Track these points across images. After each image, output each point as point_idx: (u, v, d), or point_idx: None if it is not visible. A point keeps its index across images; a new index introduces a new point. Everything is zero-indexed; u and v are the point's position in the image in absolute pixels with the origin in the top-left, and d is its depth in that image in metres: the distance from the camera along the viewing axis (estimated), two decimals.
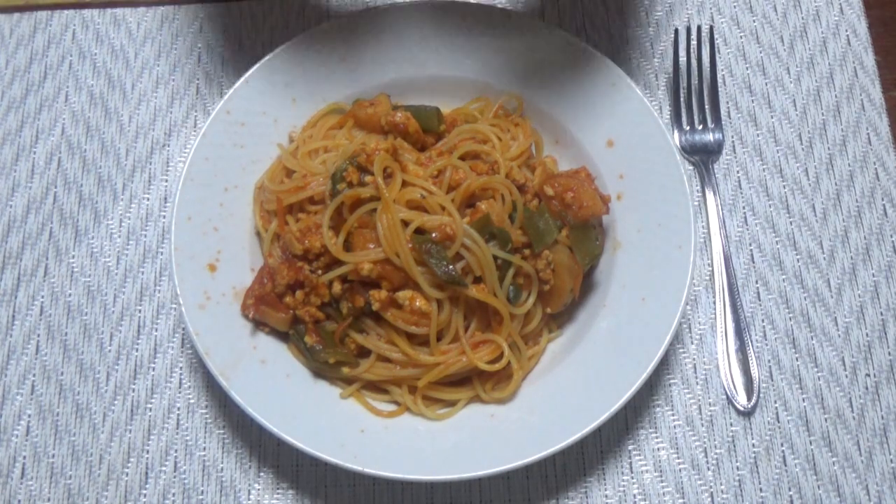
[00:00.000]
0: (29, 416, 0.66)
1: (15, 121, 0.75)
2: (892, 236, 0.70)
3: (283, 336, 0.65)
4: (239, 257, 0.66)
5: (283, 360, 0.64)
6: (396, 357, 0.62)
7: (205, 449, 0.65)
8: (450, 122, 0.69)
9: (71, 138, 0.74)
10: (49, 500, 0.64)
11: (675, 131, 0.73)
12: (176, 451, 0.65)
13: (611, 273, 0.66)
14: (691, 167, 0.72)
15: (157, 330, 0.68)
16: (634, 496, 0.64)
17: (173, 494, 0.64)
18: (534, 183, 0.66)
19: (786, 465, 0.64)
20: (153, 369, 0.67)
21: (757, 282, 0.69)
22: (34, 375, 0.67)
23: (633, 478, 0.64)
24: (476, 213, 0.63)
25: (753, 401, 0.65)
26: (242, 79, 0.69)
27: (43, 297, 0.69)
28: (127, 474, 0.65)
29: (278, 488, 0.64)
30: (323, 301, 0.63)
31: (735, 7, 0.77)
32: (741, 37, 0.76)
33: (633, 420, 0.65)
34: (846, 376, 0.66)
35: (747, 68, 0.75)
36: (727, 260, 0.68)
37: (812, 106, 0.74)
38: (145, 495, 0.64)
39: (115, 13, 0.78)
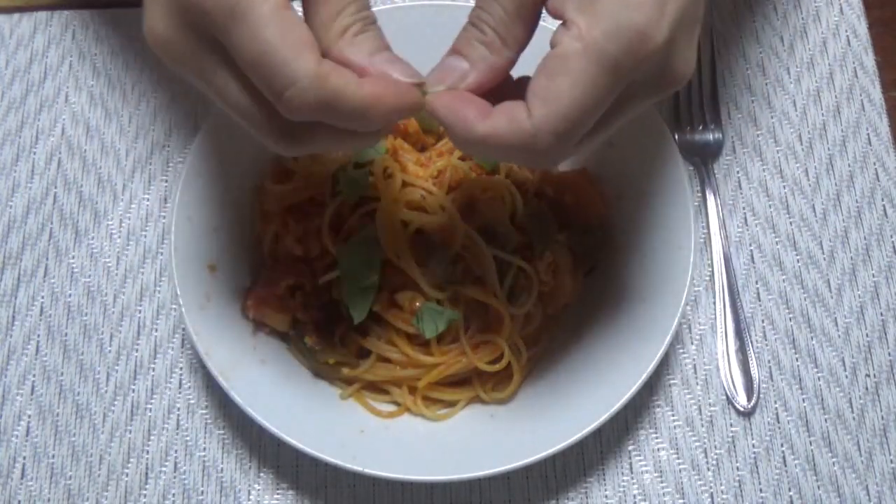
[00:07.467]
0: (29, 416, 0.66)
1: (15, 121, 0.75)
2: (892, 237, 0.70)
3: (283, 336, 0.65)
4: (239, 258, 0.66)
5: (283, 361, 0.64)
6: (396, 358, 0.62)
7: (205, 449, 0.65)
8: None
9: (71, 139, 0.74)
10: (49, 500, 0.64)
11: (675, 131, 0.73)
12: (176, 451, 0.65)
13: (611, 273, 0.66)
14: (691, 167, 0.72)
15: (157, 330, 0.68)
16: (634, 496, 0.64)
17: (173, 495, 0.64)
18: (534, 183, 0.66)
19: (786, 466, 0.64)
20: (153, 370, 0.67)
21: (757, 282, 0.69)
22: (34, 376, 0.67)
23: (633, 478, 0.64)
24: (476, 213, 0.63)
25: (753, 401, 0.65)
26: None
27: (43, 297, 0.69)
28: (127, 475, 0.65)
29: (278, 488, 0.64)
30: (323, 302, 0.63)
31: (735, 7, 0.77)
32: (741, 37, 0.76)
33: (633, 420, 0.65)
34: (846, 376, 0.66)
35: (747, 68, 0.75)
36: (727, 260, 0.68)
37: (812, 106, 0.74)
38: (145, 495, 0.64)
39: (116, 13, 0.78)
